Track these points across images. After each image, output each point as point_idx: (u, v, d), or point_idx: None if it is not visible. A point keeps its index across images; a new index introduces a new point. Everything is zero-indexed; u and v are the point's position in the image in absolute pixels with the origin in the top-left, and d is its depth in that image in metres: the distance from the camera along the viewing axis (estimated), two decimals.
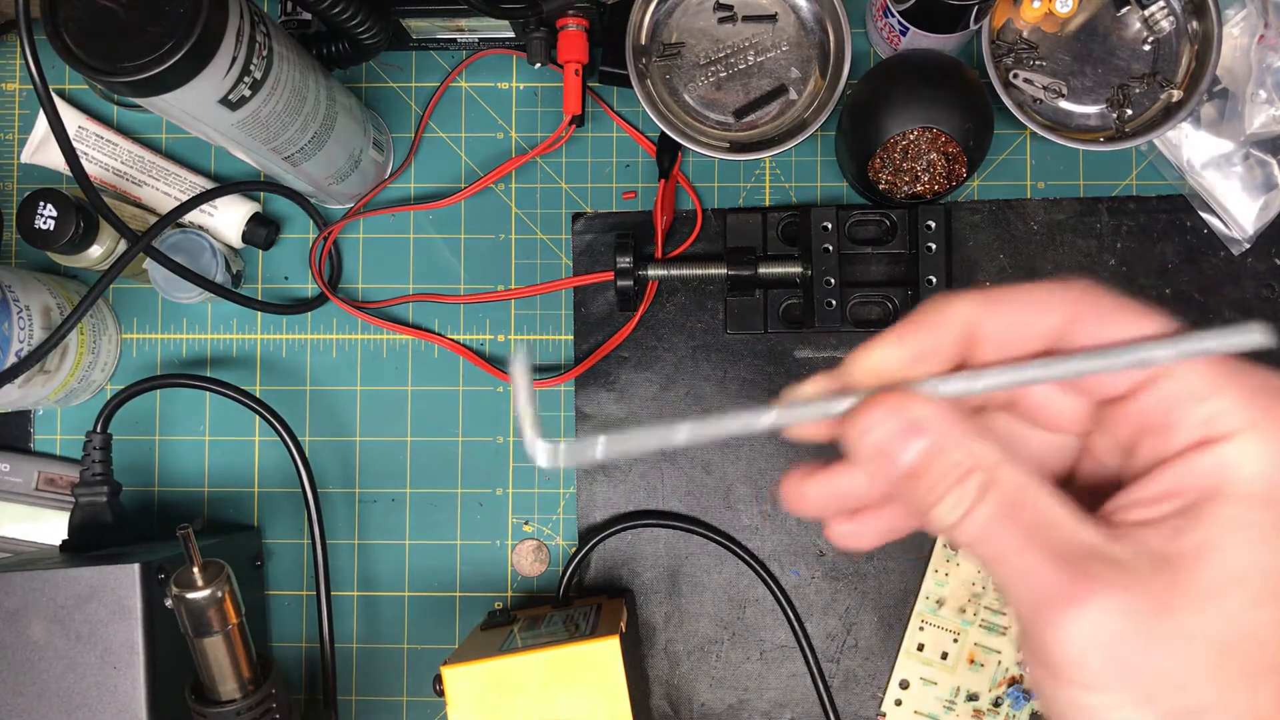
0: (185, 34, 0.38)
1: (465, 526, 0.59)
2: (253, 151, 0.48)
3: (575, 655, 0.48)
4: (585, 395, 0.59)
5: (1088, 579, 0.23)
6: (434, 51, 0.61)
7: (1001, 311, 0.26)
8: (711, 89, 0.58)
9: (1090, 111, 0.57)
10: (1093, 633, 0.23)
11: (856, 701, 0.58)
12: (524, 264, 0.60)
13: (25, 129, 0.61)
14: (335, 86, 0.52)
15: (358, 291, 0.60)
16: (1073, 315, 0.26)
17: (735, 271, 0.56)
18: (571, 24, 0.55)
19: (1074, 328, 0.26)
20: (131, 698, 0.46)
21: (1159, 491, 0.25)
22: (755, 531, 0.59)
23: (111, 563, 0.47)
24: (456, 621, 0.59)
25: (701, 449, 0.59)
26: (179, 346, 0.60)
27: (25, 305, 0.52)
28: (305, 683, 0.59)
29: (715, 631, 0.59)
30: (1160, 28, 0.57)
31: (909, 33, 0.54)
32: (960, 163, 0.54)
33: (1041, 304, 0.26)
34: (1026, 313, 0.26)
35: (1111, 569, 0.23)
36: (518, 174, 0.60)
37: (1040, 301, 0.26)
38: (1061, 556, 0.24)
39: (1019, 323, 0.26)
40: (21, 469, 0.59)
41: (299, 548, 0.60)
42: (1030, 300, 0.26)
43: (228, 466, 0.60)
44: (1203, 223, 0.58)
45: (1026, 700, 0.57)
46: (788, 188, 0.60)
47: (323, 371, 0.60)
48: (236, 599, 0.44)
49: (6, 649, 0.46)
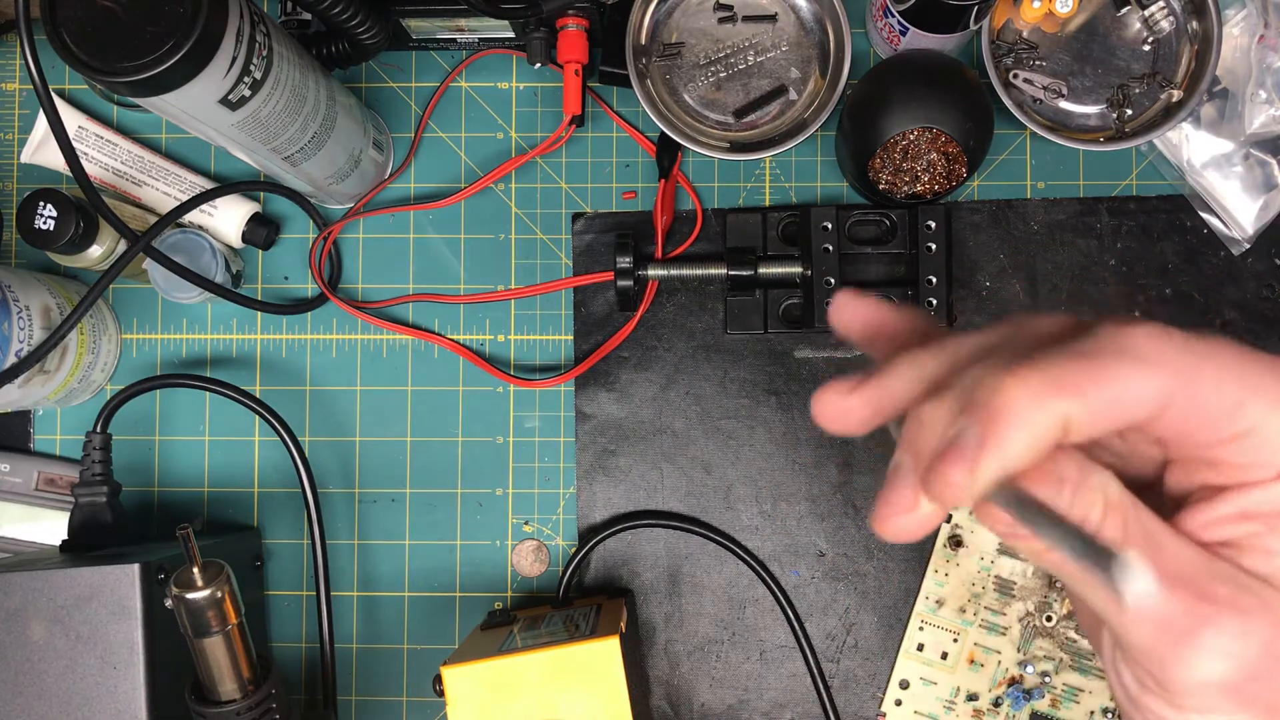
0: (185, 34, 0.38)
1: (465, 527, 0.59)
2: (253, 151, 0.48)
3: (575, 655, 0.48)
4: (585, 395, 0.59)
5: (1210, 600, 0.23)
6: (434, 51, 0.61)
7: (1092, 404, 0.23)
8: (711, 89, 0.58)
9: (1090, 111, 0.57)
10: (1222, 657, 0.23)
11: (856, 701, 0.58)
12: (524, 264, 0.60)
13: (25, 129, 0.61)
14: (335, 86, 0.52)
15: (358, 291, 0.60)
16: (1168, 397, 0.23)
17: (735, 271, 0.56)
18: (571, 24, 0.55)
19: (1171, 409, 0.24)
20: (131, 698, 0.46)
21: (1238, 512, 0.24)
22: (755, 531, 0.59)
23: (111, 563, 0.47)
24: (456, 621, 0.59)
25: (701, 449, 0.59)
26: (179, 346, 0.60)
27: (25, 305, 0.52)
28: (305, 683, 0.59)
29: (715, 631, 0.59)
30: (1160, 28, 0.57)
31: (909, 33, 0.54)
32: (960, 163, 0.54)
33: (1135, 390, 0.23)
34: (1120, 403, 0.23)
35: (1227, 589, 0.23)
36: (518, 174, 0.60)
37: (1133, 387, 0.23)
38: (1176, 578, 0.23)
39: (1111, 415, 0.23)
40: (21, 469, 0.58)
41: (299, 548, 0.60)
42: (1122, 387, 0.23)
43: (228, 466, 0.60)
44: (1203, 223, 0.58)
45: (1026, 700, 0.57)
46: (788, 188, 0.60)
47: (323, 371, 0.60)
48: (236, 599, 0.44)
49: (6, 649, 0.46)
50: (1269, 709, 0.23)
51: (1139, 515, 0.24)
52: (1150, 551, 0.24)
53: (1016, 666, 0.57)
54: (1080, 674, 0.57)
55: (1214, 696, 0.23)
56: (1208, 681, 0.23)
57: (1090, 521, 0.24)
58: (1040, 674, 0.57)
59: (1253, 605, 0.23)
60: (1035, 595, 0.57)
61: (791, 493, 0.59)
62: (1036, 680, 0.57)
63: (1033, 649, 0.57)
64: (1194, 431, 0.24)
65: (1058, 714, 0.57)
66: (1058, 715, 0.57)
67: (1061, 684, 0.57)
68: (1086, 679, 0.57)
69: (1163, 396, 0.23)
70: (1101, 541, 0.22)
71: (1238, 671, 0.23)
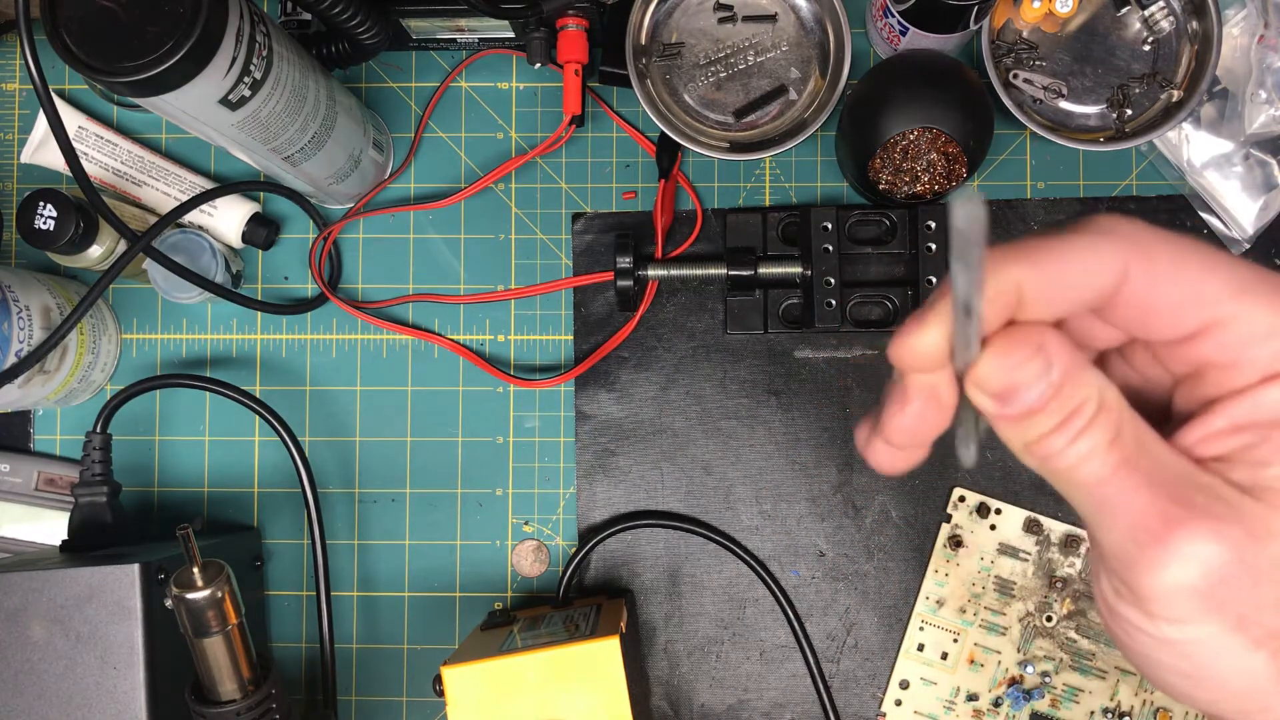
0: (185, 34, 0.38)
1: (465, 527, 0.59)
2: (253, 151, 0.48)
3: (575, 655, 0.48)
4: (585, 395, 0.59)
5: (1187, 508, 0.23)
6: (434, 51, 0.61)
7: (1047, 272, 0.24)
8: (711, 89, 0.58)
9: (1090, 111, 0.57)
10: (1191, 563, 0.23)
11: (856, 701, 0.58)
12: (524, 264, 0.60)
13: (25, 129, 0.61)
14: (335, 86, 0.52)
15: (358, 291, 0.60)
16: (1123, 270, 0.24)
17: (735, 271, 0.56)
18: (571, 24, 0.55)
19: (1128, 286, 0.25)
20: (131, 698, 0.46)
21: (1230, 425, 0.25)
22: (755, 531, 0.59)
23: (111, 563, 0.47)
24: (456, 621, 0.59)
25: (701, 449, 0.59)
26: (179, 346, 0.60)
27: (25, 305, 0.52)
28: (305, 683, 0.59)
29: (715, 631, 0.59)
30: (1160, 28, 0.57)
31: (909, 33, 0.54)
32: (960, 163, 0.54)
33: (1090, 263, 0.25)
34: (1074, 272, 0.25)
35: (1207, 499, 0.23)
36: (518, 174, 0.60)
37: (1088, 260, 0.24)
38: (1158, 484, 0.24)
39: (1068, 286, 0.25)
40: (21, 469, 0.59)
41: (299, 548, 0.60)
42: (1076, 258, 0.25)
43: (228, 466, 0.60)
44: (1203, 223, 0.58)
45: (1026, 700, 0.57)
46: (788, 188, 0.60)
47: (323, 371, 0.60)
48: (236, 599, 0.44)
49: (6, 649, 0.46)
50: (1239, 619, 0.23)
51: (1134, 425, 0.24)
52: (1140, 458, 0.24)
53: (1016, 666, 0.57)
54: (1080, 674, 0.57)
55: (1184, 603, 0.23)
56: (1177, 586, 0.23)
57: (1071, 430, 0.24)
58: (1040, 674, 0.57)
59: (1226, 513, 0.23)
60: (1035, 595, 0.57)
61: (791, 493, 0.59)
62: (1036, 680, 0.57)
63: (1033, 649, 0.57)
64: (1159, 314, 0.25)
65: (1058, 714, 0.57)
66: (1058, 715, 0.57)
67: (1061, 684, 0.57)
68: (1086, 679, 0.57)
69: (1116, 265, 0.24)
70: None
71: (1206, 578, 0.23)
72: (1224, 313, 0.24)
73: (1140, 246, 0.25)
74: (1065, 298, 0.25)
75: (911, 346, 0.25)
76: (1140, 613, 0.24)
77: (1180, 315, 0.25)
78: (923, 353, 0.25)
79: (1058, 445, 0.24)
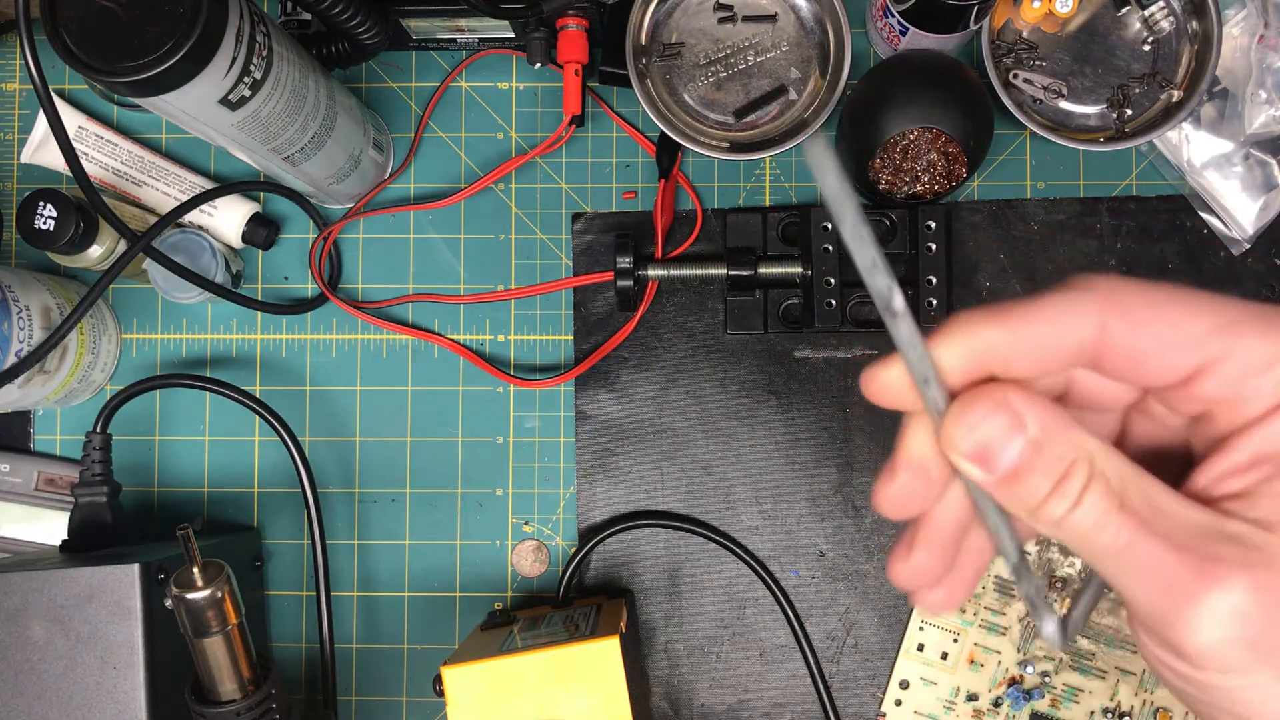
0: (185, 34, 0.38)
1: (465, 527, 0.59)
2: (253, 151, 0.48)
3: (575, 655, 0.48)
4: (585, 395, 0.59)
5: (1214, 562, 0.23)
6: (434, 51, 0.61)
7: (1022, 334, 0.25)
8: (711, 89, 0.58)
9: (1090, 111, 0.57)
10: (1229, 616, 0.22)
11: (856, 702, 0.58)
12: (524, 264, 0.60)
13: (25, 129, 0.61)
14: (335, 86, 0.52)
15: (358, 291, 0.60)
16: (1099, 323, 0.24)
17: (735, 271, 0.56)
18: (571, 24, 0.55)
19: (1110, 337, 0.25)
20: (131, 698, 0.46)
21: (1244, 460, 0.24)
22: (755, 531, 0.59)
23: (111, 563, 0.47)
24: (456, 621, 0.59)
25: (701, 449, 0.59)
26: (179, 346, 0.60)
27: (25, 305, 0.52)
28: (305, 683, 0.59)
29: (715, 631, 0.59)
30: (1160, 28, 0.57)
31: (909, 33, 0.54)
32: (960, 163, 0.54)
33: (1064, 319, 0.25)
34: (1050, 331, 0.25)
35: (1232, 548, 0.23)
36: (518, 174, 0.60)
37: (1062, 317, 0.25)
38: (1180, 542, 0.23)
39: (1045, 343, 0.25)
40: (21, 469, 0.59)
41: (299, 548, 0.60)
42: (1051, 317, 0.25)
43: (228, 466, 0.60)
44: (1203, 223, 0.58)
45: (1026, 700, 0.57)
46: (788, 188, 0.60)
47: (323, 371, 0.60)
48: (236, 599, 0.44)
49: (6, 649, 0.46)
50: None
51: (1140, 483, 0.24)
52: (1154, 518, 0.24)
53: (1016, 666, 0.57)
54: (1080, 674, 0.57)
55: (1229, 654, 0.23)
56: (1219, 640, 0.23)
57: (1070, 492, 0.24)
58: (1040, 674, 0.57)
59: (1254, 558, 0.23)
60: None
61: (791, 493, 0.59)
62: (1036, 680, 0.57)
63: (1033, 649, 0.57)
64: (1147, 360, 0.25)
65: (1058, 714, 0.57)
66: (1058, 715, 0.57)
67: (1061, 684, 0.57)
68: (1086, 679, 0.57)
69: (1091, 319, 0.24)
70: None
71: (1247, 627, 0.23)
72: (1215, 350, 0.24)
73: (1114, 297, 0.25)
74: (1045, 356, 0.25)
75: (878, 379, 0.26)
76: (1187, 665, 0.24)
77: (1170, 358, 0.25)
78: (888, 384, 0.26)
79: (1059, 510, 0.24)
